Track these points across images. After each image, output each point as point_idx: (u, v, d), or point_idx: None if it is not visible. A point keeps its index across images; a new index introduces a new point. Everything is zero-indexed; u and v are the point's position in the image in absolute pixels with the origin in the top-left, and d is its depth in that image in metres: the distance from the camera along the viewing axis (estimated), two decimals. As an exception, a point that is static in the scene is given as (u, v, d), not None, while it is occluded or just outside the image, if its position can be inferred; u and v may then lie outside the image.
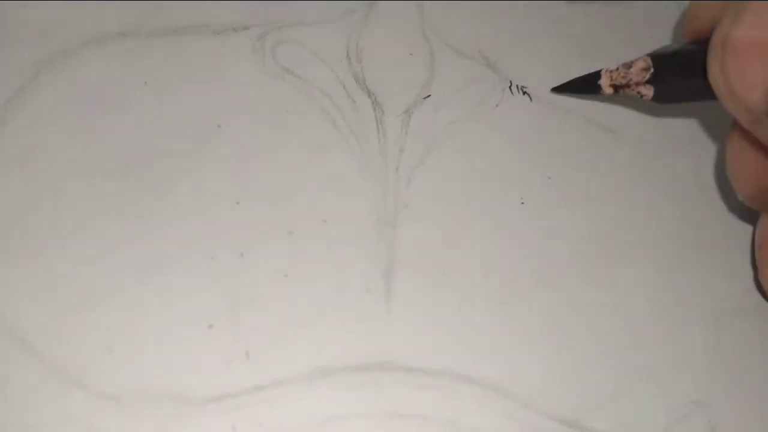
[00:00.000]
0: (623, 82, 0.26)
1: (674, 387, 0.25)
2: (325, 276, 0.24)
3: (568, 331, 0.25)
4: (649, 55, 0.26)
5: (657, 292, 0.27)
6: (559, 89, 0.28)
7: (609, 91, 0.26)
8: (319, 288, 0.24)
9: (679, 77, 0.25)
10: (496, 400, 0.24)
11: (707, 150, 0.29)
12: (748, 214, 0.28)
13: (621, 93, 0.26)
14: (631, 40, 0.30)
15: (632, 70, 0.25)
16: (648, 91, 0.26)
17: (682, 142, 0.29)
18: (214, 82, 0.26)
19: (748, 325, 0.27)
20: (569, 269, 0.26)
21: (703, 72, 0.23)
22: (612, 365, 0.25)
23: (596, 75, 0.26)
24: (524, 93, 0.29)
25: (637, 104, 0.28)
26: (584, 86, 0.27)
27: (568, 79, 0.27)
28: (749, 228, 0.28)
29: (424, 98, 0.28)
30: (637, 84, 0.26)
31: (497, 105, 0.28)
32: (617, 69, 0.26)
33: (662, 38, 0.30)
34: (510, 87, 0.29)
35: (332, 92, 0.27)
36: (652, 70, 0.25)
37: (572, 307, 0.26)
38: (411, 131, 0.27)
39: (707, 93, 0.23)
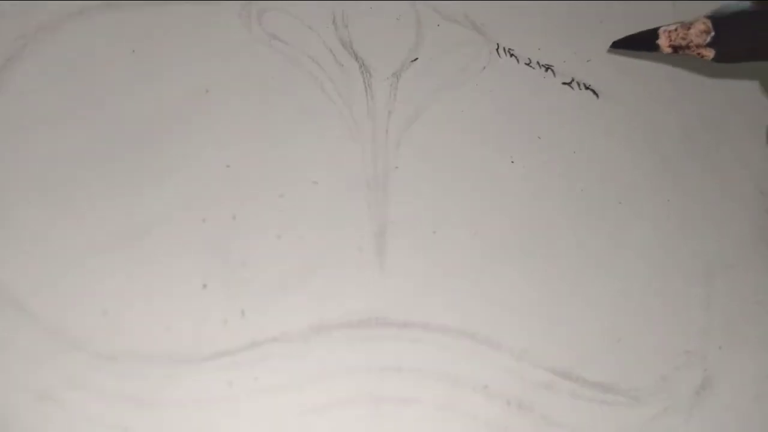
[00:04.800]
0: (683, 43, 0.25)
1: (668, 339, 0.26)
2: (317, 236, 0.24)
3: (560, 286, 0.25)
4: (708, 17, 0.25)
5: (648, 247, 0.27)
6: (616, 44, 0.27)
7: (668, 50, 0.26)
8: (312, 248, 0.24)
9: (741, 39, 0.25)
10: (490, 353, 0.24)
11: (694, 107, 0.29)
12: (736, 169, 0.29)
13: (681, 53, 0.26)
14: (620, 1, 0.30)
15: (692, 31, 0.25)
16: (709, 53, 0.25)
17: (667, 100, 0.29)
18: (201, 48, 0.26)
19: (739, 278, 0.27)
20: (560, 226, 0.26)
21: (766, 33, 0.23)
22: (605, 318, 0.25)
23: (654, 33, 0.26)
24: (511, 55, 0.29)
25: (696, 61, 0.28)
26: (642, 44, 0.26)
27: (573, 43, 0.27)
28: (737, 183, 0.29)
29: (412, 61, 0.28)
30: (698, 46, 0.25)
31: (484, 67, 0.28)
32: (676, 29, 0.25)
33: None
34: (497, 50, 0.29)
35: (319, 57, 0.27)
36: (713, 33, 0.25)
37: (563, 262, 0.26)
38: (399, 94, 0.27)
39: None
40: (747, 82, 0.30)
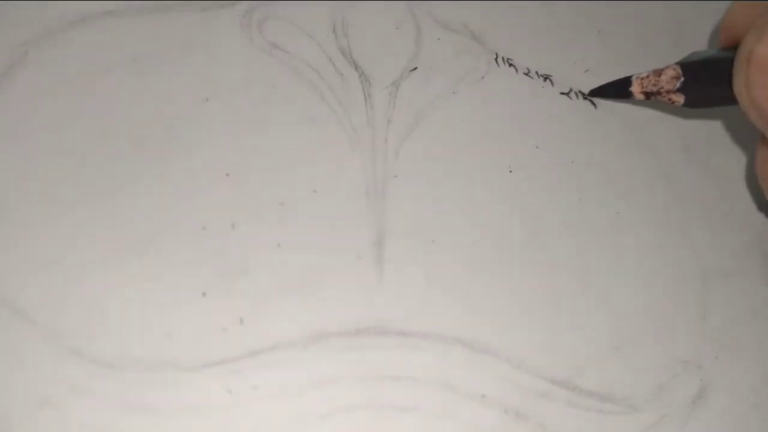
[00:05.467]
0: (654, 89, 0.26)
1: (664, 348, 0.26)
2: (317, 245, 0.25)
3: (558, 296, 0.26)
4: (678, 63, 0.26)
5: (645, 256, 0.27)
6: (593, 93, 0.28)
7: (641, 97, 0.27)
8: (312, 256, 0.24)
9: (709, 86, 0.26)
10: (488, 362, 0.24)
11: (693, 115, 0.30)
12: (735, 178, 0.29)
13: (652, 99, 0.27)
14: (619, 11, 0.30)
15: (662, 78, 0.26)
16: (679, 99, 0.26)
17: (665, 109, 0.29)
18: (201, 57, 0.26)
19: (736, 287, 0.27)
20: (558, 236, 0.27)
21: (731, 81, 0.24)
22: (602, 327, 0.26)
23: (627, 81, 0.27)
24: (510, 65, 0.29)
25: (668, 108, 0.28)
26: (616, 92, 0.27)
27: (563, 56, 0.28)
28: (735, 192, 0.29)
29: (411, 71, 0.28)
30: (668, 92, 0.26)
31: (483, 77, 0.29)
32: (648, 76, 0.26)
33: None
34: (496, 59, 0.29)
35: (319, 66, 0.27)
36: (682, 79, 0.26)
37: (561, 272, 0.26)
38: (398, 103, 0.27)
39: (736, 100, 0.24)
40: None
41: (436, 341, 0.24)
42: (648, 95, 0.27)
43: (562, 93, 0.29)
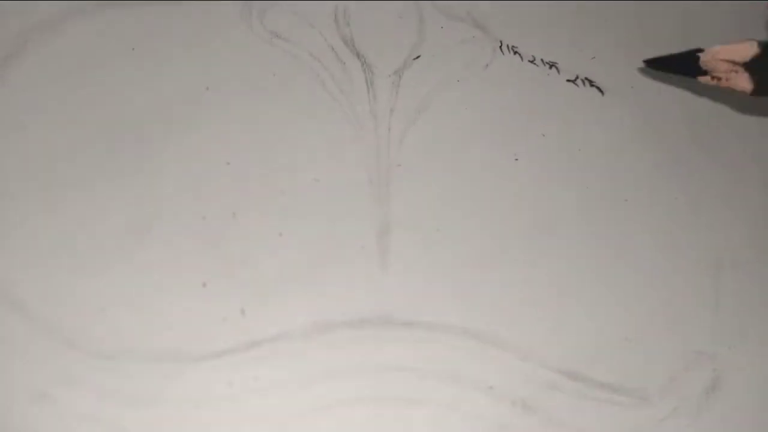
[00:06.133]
0: (727, 58, 0.26)
1: (677, 339, 0.25)
2: (319, 234, 0.24)
3: (566, 285, 0.25)
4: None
5: (655, 245, 0.26)
6: (650, 64, 0.27)
7: (705, 78, 0.26)
8: (314, 246, 0.24)
9: None
10: (495, 353, 0.23)
11: (701, 102, 0.29)
12: (745, 165, 0.28)
13: (715, 82, 0.26)
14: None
15: (739, 47, 0.25)
16: (746, 84, 0.26)
17: (673, 95, 0.29)
18: (201, 46, 0.26)
19: (748, 276, 0.27)
20: (566, 224, 0.26)
21: None
22: (612, 318, 0.25)
23: (694, 55, 0.26)
24: (515, 53, 0.29)
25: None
26: (680, 65, 0.27)
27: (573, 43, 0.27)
28: (746, 179, 0.28)
29: (414, 59, 0.28)
30: (736, 72, 0.25)
31: (488, 65, 0.28)
32: (719, 51, 0.26)
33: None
34: (500, 47, 0.29)
35: (321, 55, 0.27)
36: (756, 51, 0.25)
37: (569, 261, 0.25)
38: (401, 92, 0.27)
39: None
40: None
41: (443, 332, 0.23)
42: (714, 77, 0.26)
43: (569, 80, 0.28)
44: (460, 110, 0.27)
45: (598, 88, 0.28)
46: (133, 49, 0.26)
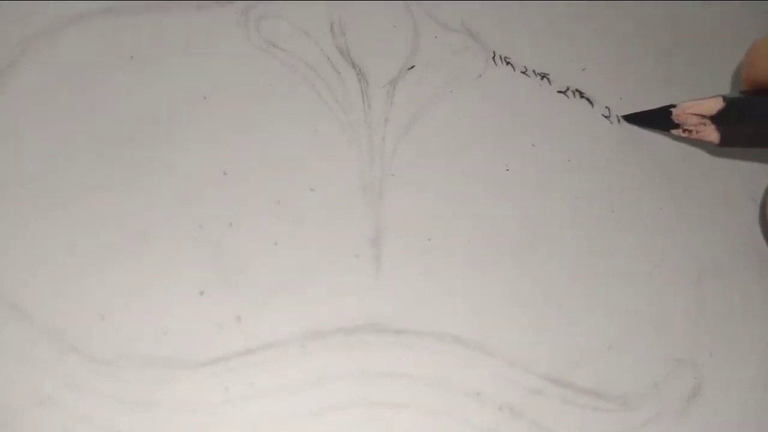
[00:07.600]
0: (696, 112, 0.27)
1: (658, 346, 0.26)
2: (314, 243, 0.25)
3: (553, 293, 0.26)
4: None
5: (640, 254, 0.27)
6: (629, 119, 0.29)
7: (677, 130, 0.28)
8: (309, 254, 0.24)
9: (750, 122, 0.27)
10: (483, 359, 0.24)
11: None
12: (729, 176, 0.29)
13: (686, 134, 0.28)
14: (616, 9, 0.30)
15: (704, 103, 0.27)
16: (713, 137, 0.27)
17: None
18: (198, 55, 0.26)
19: (730, 285, 0.27)
20: (554, 234, 0.27)
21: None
22: (596, 325, 0.26)
23: (667, 111, 0.28)
24: (507, 63, 0.29)
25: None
26: (654, 120, 0.28)
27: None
28: (730, 190, 0.29)
29: (408, 69, 0.28)
30: (704, 124, 0.27)
31: (480, 75, 0.29)
32: (689, 105, 0.27)
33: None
34: (493, 57, 0.29)
35: (317, 64, 0.27)
36: (723, 106, 0.27)
37: (556, 270, 0.26)
38: (396, 102, 0.27)
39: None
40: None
41: (432, 339, 0.24)
42: (685, 130, 0.28)
43: (559, 91, 0.29)
44: (453, 120, 0.28)
45: (588, 100, 0.29)
46: (132, 57, 0.26)
